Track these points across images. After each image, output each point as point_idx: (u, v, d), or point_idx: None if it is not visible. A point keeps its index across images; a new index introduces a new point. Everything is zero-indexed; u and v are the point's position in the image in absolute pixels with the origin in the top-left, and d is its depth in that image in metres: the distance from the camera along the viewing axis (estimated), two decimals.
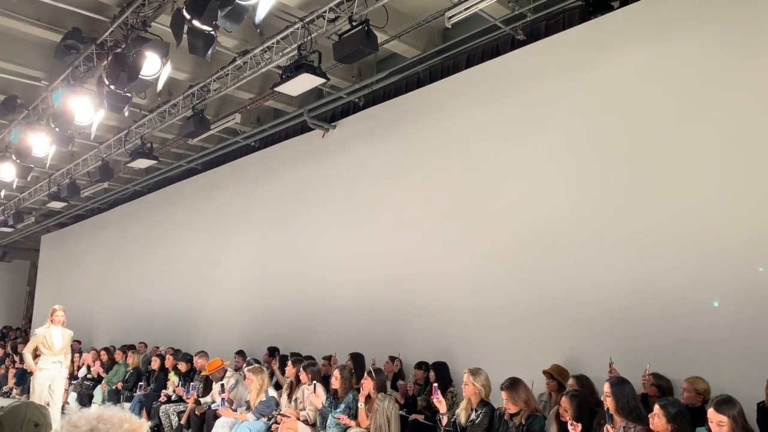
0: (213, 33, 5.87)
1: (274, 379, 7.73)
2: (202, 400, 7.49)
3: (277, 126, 9.95)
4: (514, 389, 4.78)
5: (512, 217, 6.67)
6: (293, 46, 6.67)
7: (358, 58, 6.51)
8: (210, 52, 5.97)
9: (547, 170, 6.46)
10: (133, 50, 6.44)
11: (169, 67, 6.73)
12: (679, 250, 5.34)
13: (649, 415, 4.03)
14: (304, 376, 6.34)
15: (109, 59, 6.72)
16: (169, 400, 8.08)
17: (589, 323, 5.82)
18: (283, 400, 6.69)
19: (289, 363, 6.91)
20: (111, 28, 6.70)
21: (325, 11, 6.25)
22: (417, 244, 7.66)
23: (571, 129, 6.31)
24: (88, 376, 10.86)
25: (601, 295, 5.77)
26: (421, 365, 6.84)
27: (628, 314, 5.55)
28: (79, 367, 11.28)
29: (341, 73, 8.45)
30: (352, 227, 8.63)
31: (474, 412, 5.04)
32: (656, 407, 3.96)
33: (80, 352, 11.93)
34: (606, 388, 4.30)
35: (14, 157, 9.46)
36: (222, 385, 7.12)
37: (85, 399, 10.21)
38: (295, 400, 6.53)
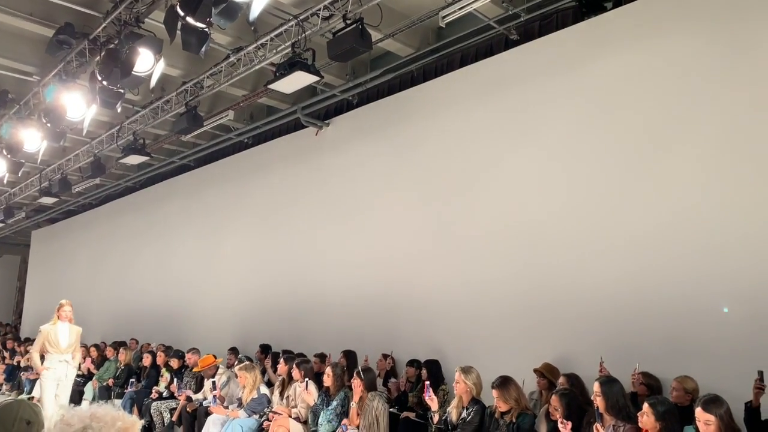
0: (207, 30, 5.86)
1: (266, 377, 7.73)
2: (194, 397, 7.49)
3: (271, 123, 9.94)
4: (505, 387, 4.81)
5: (504, 217, 6.70)
6: (287, 44, 6.66)
7: (352, 57, 6.51)
8: (203, 50, 5.97)
9: (539, 169, 6.49)
10: (126, 46, 6.41)
11: (162, 64, 6.70)
12: (670, 250, 5.38)
13: (638, 413, 4.07)
14: (296, 373, 6.35)
15: (102, 55, 6.69)
16: (161, 397, 8.07)
17: (580, 323, 5.86)
18: (275, 398, 6.70)
19: (281, 360, 6.92)
20: (104, 24, 6.66)
21: (320, 9, 6.25)
22: (410, 243, 7.68)
23: (563, 128, 6.34)
24: (79, 373, 10.80)
25: (592, 295, 5.81)
26: (413, 363, 6.86)
27: (619, 314, 5.60)
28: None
29: (335, 71, 8.44)
30: (345, 225, 8.63)
31: (465, 410, 5.07)
32: (645, 405, 4.00)
33: None
34: (596, 387, 4.34)
35: (5, 152, 9.41)
36: (213, 383, 7.12)
37: (76, 396, 10.16)
38: (287, 397, 6.54)
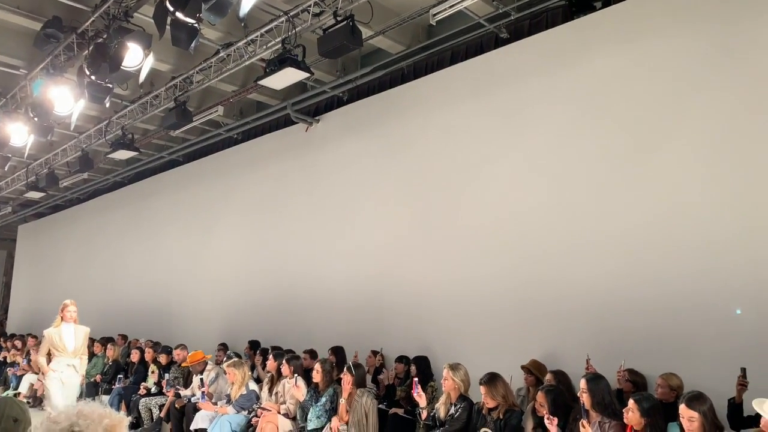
0: (196, 26, 5.83)
1: (256, 373, 7.73)
2: (182, 393, 7.47)
3: (261, 119, 9.90)
4: (493, 384, 4.84)
5: (493, 214, 6.73)
6: (277, 40, 6.64)
7: (342, 53, 6.51)
8: (193, 45, 5.93)
9: (527, 167, 6.53)
10: (115, 41, 6.35)
11: (151, 59, 6.64)
12: (657, 249, 5.43)
13: (623, 409, 4.12)
14: (286, 369, 6.34)
15: (90, 49, 6.63)
16: (149, 393, 8.05)
17: (567, 320, 5.91)
18: (264, 394, 6.70)
19: (270, 357, 6.92)
20: (92, 18, 6.61)
21: (310, 5, 6.24)
22: (399, 239, 7.70)
23: (552, 127, 6.37)
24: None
25: (579, 293, 5.86)
26: (402, 359, 6.89)
27: (605, 312, 5.65)
28: None
29: (325, 68, 8.43)
30: (335, 221, 8.63)
31: (453, 407, 5.11)
32: (631, 401, 4.05)
33: None
34: (582, 384, 4.39)
35: None
36: (201, 380, 7.11)
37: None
38: (276, 393, 6.54)
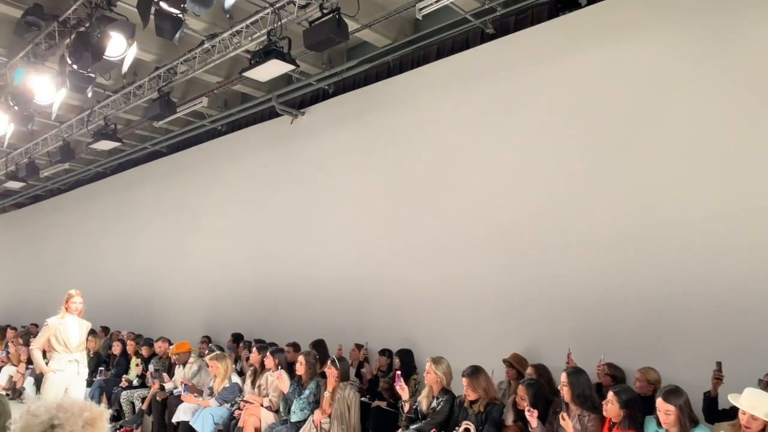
0: (181, 16, 5.77)
1: (239, 365, 7.71)
2: (165, 386, 7.44)
3: (245, 111, 9.84)
4: (475, 377, 4.89)
5: (477, 209, 6.77)
6: (263, 32, 6.59)
7: (328, 46, 6.48)
8: (178, 36, 5.87)
9: (513, 163, 6.57)
10: (98, 30, 6.25)
11: (135, 49, 6.56)
12: (637, 247, 5.50)
13: (603, 402, 4.19)
14: (270, 361, 6.34)
15: (72, 38, 6.53)
16: (131, 386, 8.00)
17: (549, 315, 5.98)
18: (247, 387, 6.70)
19: (254, 350, 6.91)
20: (74, 6, 6.51)
21: None
22: (383, 233, 7.72)
23: (537, 123, 6.41)
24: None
25: (560, 289, 5.93)
26: (385, 352, 6.93)
27: (586, 307, 5.72)
28: None
29: (311, 60, 8.39)
30: (319, 214, 8.62)
31: (435, 400, 5.15)
32: (610, 393, 4.14)
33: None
34: (563, 378, 4.46)
35: None
36: (184, 372, 7.09)
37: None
38: (259, 386, 6.54)
